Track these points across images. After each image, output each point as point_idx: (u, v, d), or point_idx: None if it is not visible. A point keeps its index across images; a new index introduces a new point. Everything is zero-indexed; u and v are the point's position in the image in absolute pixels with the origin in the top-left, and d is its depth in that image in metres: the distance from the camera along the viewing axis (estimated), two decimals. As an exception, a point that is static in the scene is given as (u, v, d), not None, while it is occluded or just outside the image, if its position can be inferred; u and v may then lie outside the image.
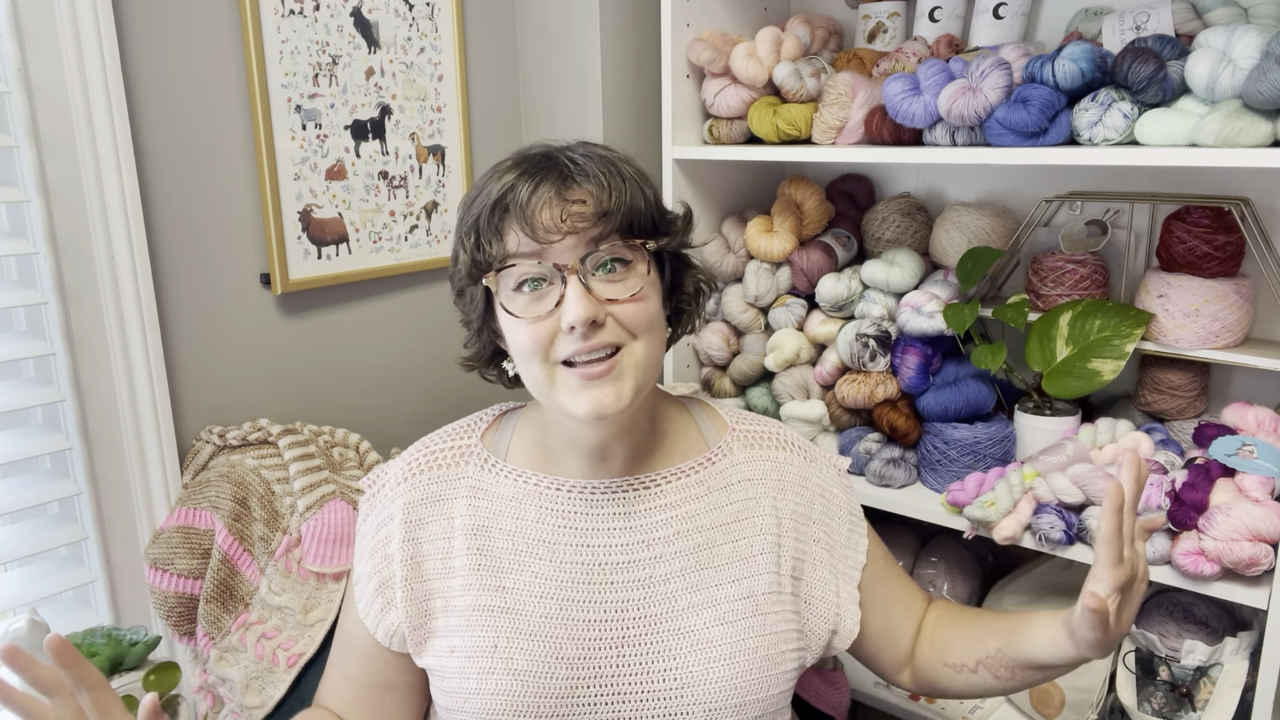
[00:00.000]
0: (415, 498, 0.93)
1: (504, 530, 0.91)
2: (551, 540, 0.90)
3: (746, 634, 0.88)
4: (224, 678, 1.17)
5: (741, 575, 0.91)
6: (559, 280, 0.82)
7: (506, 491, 0.92)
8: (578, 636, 0.87)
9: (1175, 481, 1.14)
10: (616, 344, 0.82)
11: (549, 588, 0.88)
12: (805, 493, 0.97)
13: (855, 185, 1.69)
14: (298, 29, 1.36)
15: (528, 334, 0.83)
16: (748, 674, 0.87)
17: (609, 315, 0.82)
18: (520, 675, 0.85)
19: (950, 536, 1.57)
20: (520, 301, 0.83)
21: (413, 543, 0.92)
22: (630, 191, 0.83)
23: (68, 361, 1.19)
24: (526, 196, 0.81)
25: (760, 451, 0.97)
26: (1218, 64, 1.10)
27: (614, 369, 0.82)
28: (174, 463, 1.29)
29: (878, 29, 1.60)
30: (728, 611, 0.89)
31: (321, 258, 1.45)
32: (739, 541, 0.92)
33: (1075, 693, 1.32)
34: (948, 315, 1.34)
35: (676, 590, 0.89)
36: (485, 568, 0.90)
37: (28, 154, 1.13)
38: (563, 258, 0.81)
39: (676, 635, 0.88)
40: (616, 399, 0.82)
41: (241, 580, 1.20)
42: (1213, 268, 1.25)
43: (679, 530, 0.91)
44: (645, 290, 0.84)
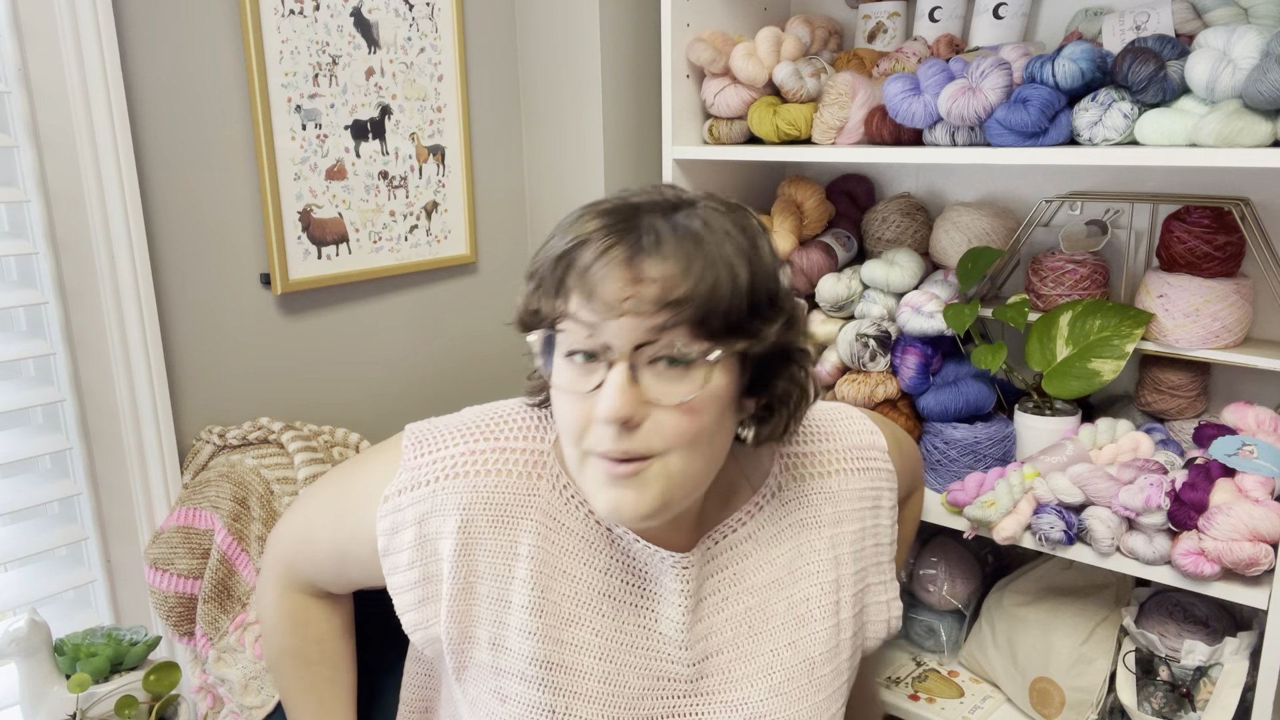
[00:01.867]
0: (477, 504, 0.81)
1: (570, 574, 0.81)
2: (616, 596, 0.82)
3: (802, 704, 0.85)
4: (223, 678, 1.17)
5: (797, 638, 0.86)
6: (605, 364, 0.71)
7: (577, 527, 0.82)
8: (635, 707, 0.81)
9: (1175, 481, 1.14)
10: (645, 452, 0.71)
11: (610, 649, 0.81)
12: (860, 510, 0.91)
13: (855, 185, 1.69)
14: (298, 29, 1.36)
15: (569, 410, 0.73)
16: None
17: (648, 418, 0.71)
18: None
19: (950, 536, 1.57)
20: (569, 373, 0.73)
21: (468, 558, 0.81)
22: (715, 277, 0.69)
23: (68, 361, 1.19)
24: (591, 260, 0.69)
25: (812, 483, 0.89)
26: (1218, 64, 1.10)
27: (640, 474, 0.72)
28: (174, 463, 1.29)
29: (878, 29, 1.59)
30: (782, 680, 0.84)
31: (321, 258, 1.45)
32: (794, 597, 0.86)
33: (1075, 693, 1.32)
34: (948, 315, 1.34)
35: (730, 661, 0.84)
36: (548, 613, 0.80)
37: (28, 154, 1.13)
38: (615, 339, 0.70)
39: (731, 709, 0.83)
40: (636, 505, 0.72)
41: (239, 580, 1.20)
42: (1213, 268, 1.25)
43: (728, 596, 0.84)
44: (699, 401, 0.71)
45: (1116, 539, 1.17)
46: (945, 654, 1.54)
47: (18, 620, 1.03)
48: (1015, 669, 1.40)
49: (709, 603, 0.84)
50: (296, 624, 0.99)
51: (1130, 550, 1.16)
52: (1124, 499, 1.16)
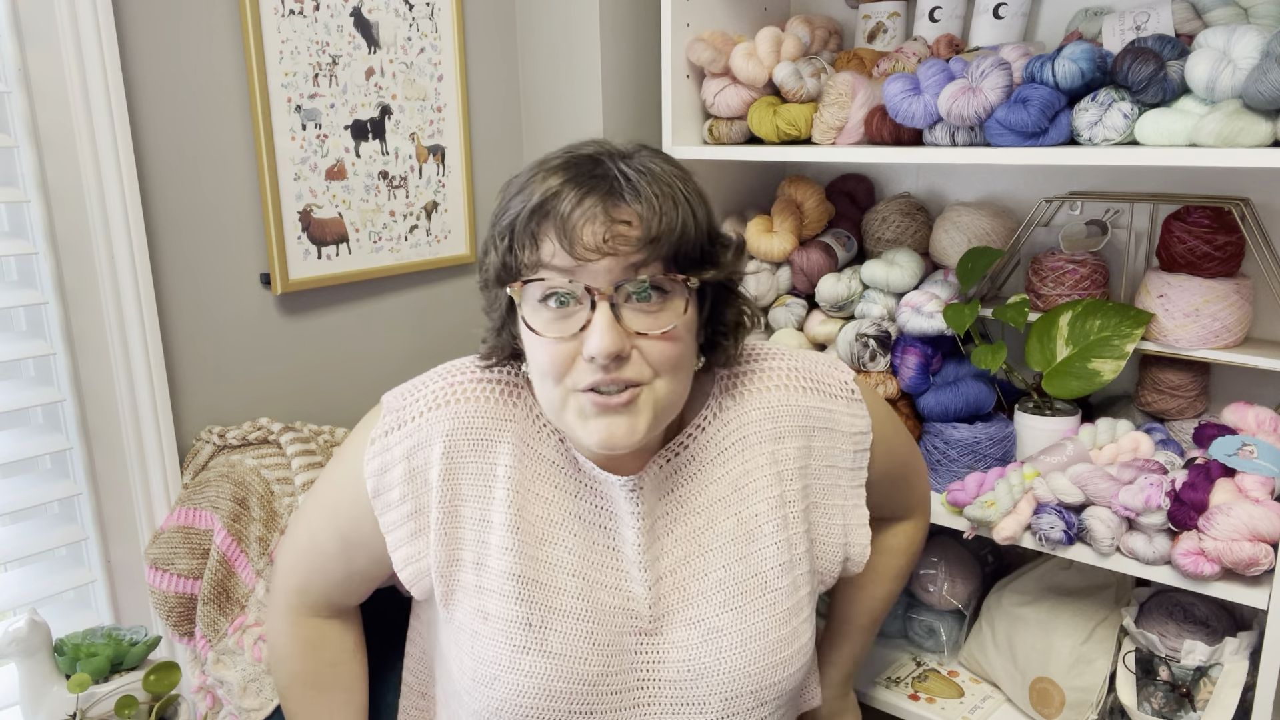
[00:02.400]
0: (459, 430, 0.86)
1: (543, 496, 0.86)
2: (585, 518, 0.86)
3: (755, 617, 0.86)
4: (222, 680, 1.17)
5: (747, 552, 0.88)
6: (588, 304, 0.76)
7: (549, 453, 0.87)
8: (606, 623, 0.85)
9: (1175, 481, 1.14)
10: (636, 381, 0.77)
11: (581, 567, 0.85)
12: (807, 429, 0.91)
13: (855, 185, 1.69)
14: (298, 29, 1.36)
15: (548, 354, 0.77)
16: (760, 659, 0.86)
17: (634, 349, 0.76)
18: (555, 657, 0.82)
19: (950, 536, 1.57)
20: (544, 316, 0.77)
21: (452, 481, 0.86)
22: (682, 217, 0.76)
23: (68, 361, 1.19)
24: (570, 208, 0.74)
25: (751, 400, 0.90)
26: (1218, 64, 1.10)
27: (631, 402, 0.77)
28: (174, 463, 1.29)
29: (878, 29, 1.59)
30: (735, 594, 0.86)
31: (321, 258, 1.45)
32: (741, 514, 0.88)
33: (1075, 693, 1.32)
34: (948, 315, 1.34)
35: (684, 579, 0.87)
36: (525, 532, 0.85)
37: (28, 154, 1.13)
38: (597, 280, 0.75)
39: (689, 625, 0.86)
40: (629, 433, 0.77)
41: (238, 582, 1.19)
42: (1213, 268, 1.25)
43: (677, 517, 0.88)
44: (679, 330, 0.78)
45: (1116, 539, 1.17)
46: (945, 654, 1.54)
47: (18, 620, 1.03)
48: (1015, 669, 1.40)
49: (660, 525, 0.87)
50: (310, 649, 1.00)
51: (1130, 550, 1.16)
52: (1124, 499, 1.16)
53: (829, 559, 0.94)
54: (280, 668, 1.02)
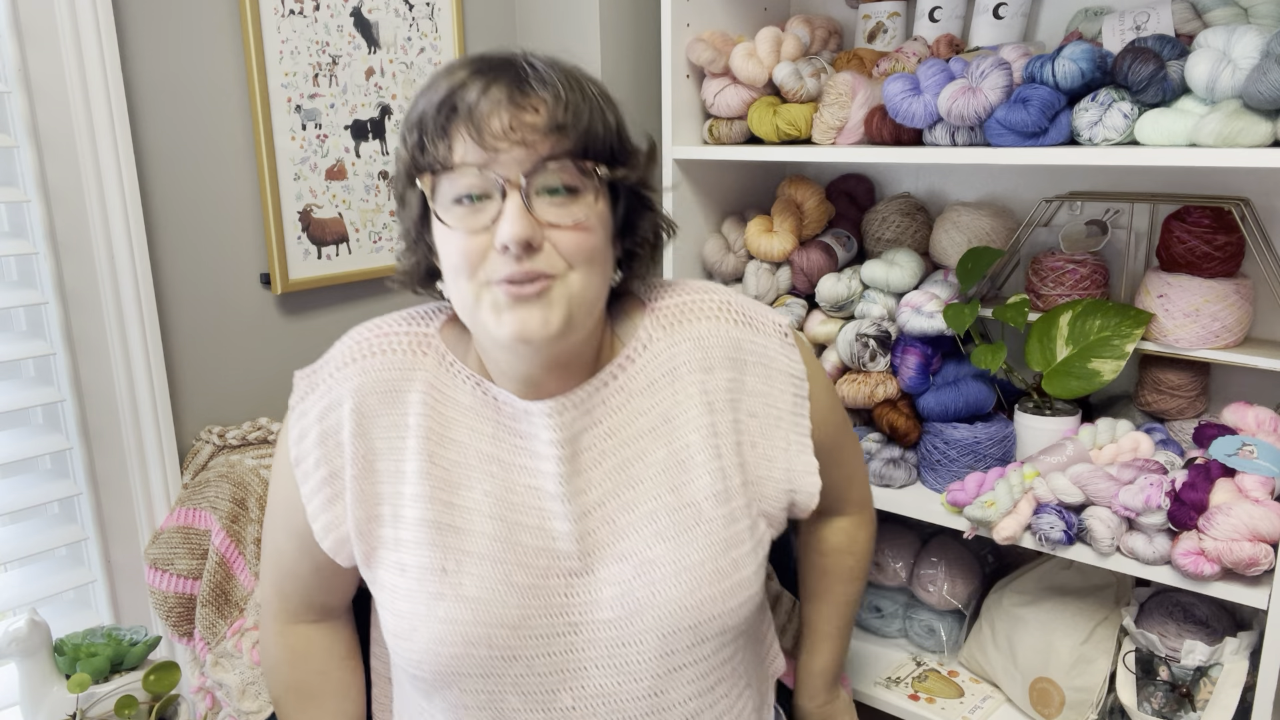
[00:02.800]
0: (367, 384, 0.86)
1: (458, 441, 0.85)
2: (503, 459, 0.84)
3: (690, 547, 0.83)
4: (220, 682, 1.17)
5: (678, 482, 0.85)
6: (499, 195, 0.75)
7: (463, 399, 0.86)
8: (528, 563, 0.82)
9: (1175, 481, 1.14)
10: (551, 273, 0.76)
11: (499, 509, 0.83)
12: (738, 361, 0.89)
13: (855, 185, 1.69)
14: (298, 29, 1.36)
15: (460, 247, 0.77)
16: (697, 590, 0.82)
17: (547, 240, 0.76)
18: (470, 602, 0.81)
19: (950, 536, 1.57)
20: (457, 213, 0.77)
21: (364, 437, 0.85)
22: (590, 109, 0.77)
23: (68, 361, 1.19)
24: (476, 98, 0.74)
25: (682, 330, 0.89)
26: (1218, 64, 1.10)
27: (544, 293, 0.76)
28: (174, 463, 1.29)
29: (878, 29, 1.59)
30: (667, 525, 0.83)
31: (321, 258, 1.45)
32: (672, 443, 0.86)
33: (1075, 693, 1.32)
34: (948, 315, 1.34)
35: (613, 512, 0.84)
36: (438, 479, 0.84)
37: (28, 154, 1.13)
38: (507, 170, 0.75)
39: (620, 559, 0.83)
40: (543, 325, 0.76)
41: (236, 584, 1.19)
42: (1213, 268, 1.25)
43: (605, 449, 0.85)
44: (591, 221, 0.78)
45: (1116, 539, 1.17)
46: (945, 654, 1.54)
47: (18, 620, 1.03)
48: (1015, 669, 1.40)
49: (588, 456, 0.85)
50: (297, 657, 0.99)
51: (1130, 550, 1.16)
52: (1124, 499, 1.16)
53: (773, 500, 0.91)
54: (271, 678, 1.01)
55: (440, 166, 0.77)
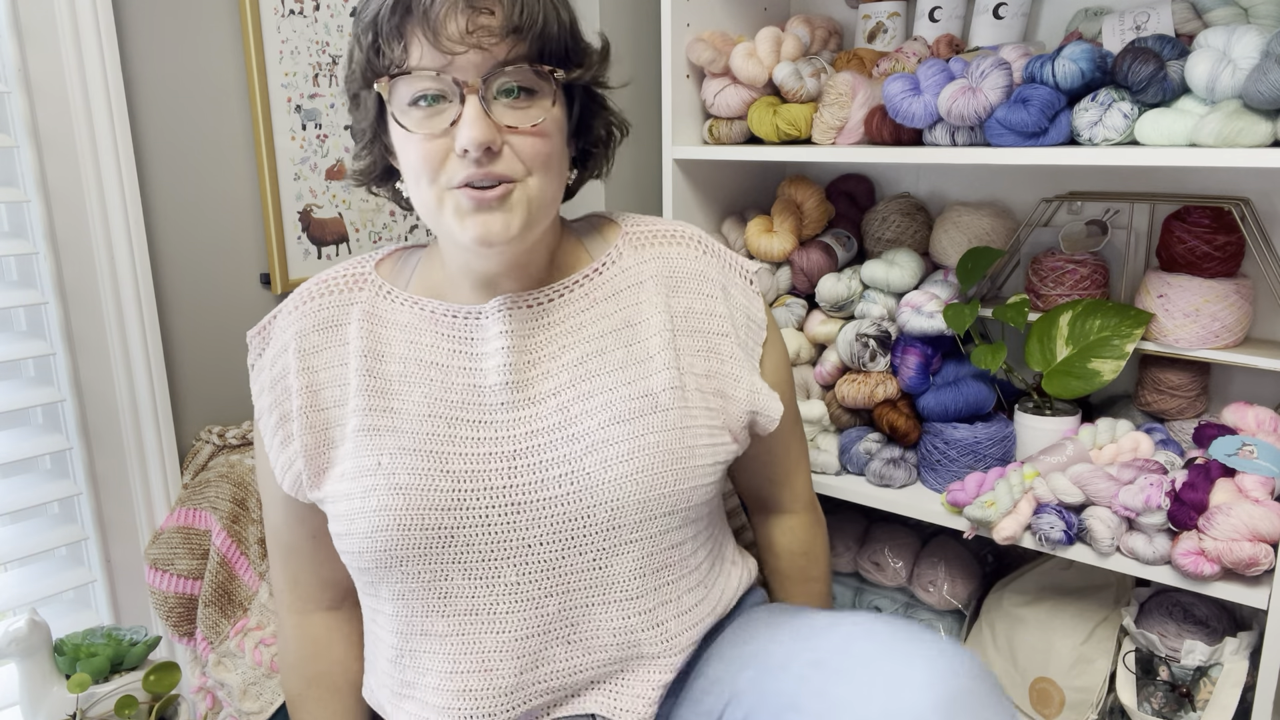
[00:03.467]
0: (308, 325, 0.90)
1: (397, 355, 0.88)
2: (443, 363, 0.88)
3: (645, 430, 0.85)
4: (222, 682, 1.17)
5: (636, 376, 0.87)
6: (457, 99, 0.77)
7: (402, 318, 0.90)
8: (466, 452, 0.84)
9: (1175, 481, 1.14)
10: (509, 176, 0.79)
11: (438, 408, 0.86)
12: (704, 286, 0.93)
13: (855, 185, 1.69)
14: (298, 29, 1.36)
15: (420, 152, 0.78)
16: (650, 469, 0.84)
17: (506, 145, 0.78)
18: (402, 490, 0.83)
19: (950, 536, 1.57)
20: (415, 116, 0.78)
21: (309, 371, 0.89)
22: (544, 11, 0.78)
23: (68, 361, 1.19)
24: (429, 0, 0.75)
25: (652, 250, 0.93)
26: (1218, 64, 1.10)
27: (505, 197, 0.79)
28: (174, 463, 1.29)
29: (878, 29, 1.59)
30: (624, 410, 0.85)
31: (321, 258, 1.45)
32: (632, 346, 0.88)
33: (1075, 693, 1.32)
34: (948, 315, 1.34)
35: (570, 400, 0.86)
36: (375, 390, 0.87)
37: (28, 154, 1.13)
38: (465, 74, 0.76)
39: (571, 440, 0.84)
40: (505, 228, 0.79)
41: (239, 584, 1.19)
42: (1213, 268, 1.25)
43: (565, 345, 0.88)
44: (548, 124, 0.80)
45: (1116, 539, 1.17)
46: (945, 654, 1.54)
47: (18, 620, 1.03)
48: (1015, 669, 1.40)
49: (546, 351, 0.88)
50: (320, 648, 1.00)
51: (1130, 550, 1.16)
52: (1124, 499, 1.16)
53: (735, 418, 0.93)
54: (290, 674, 1.01)
55: (397, 69, 0.78)
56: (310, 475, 0.89)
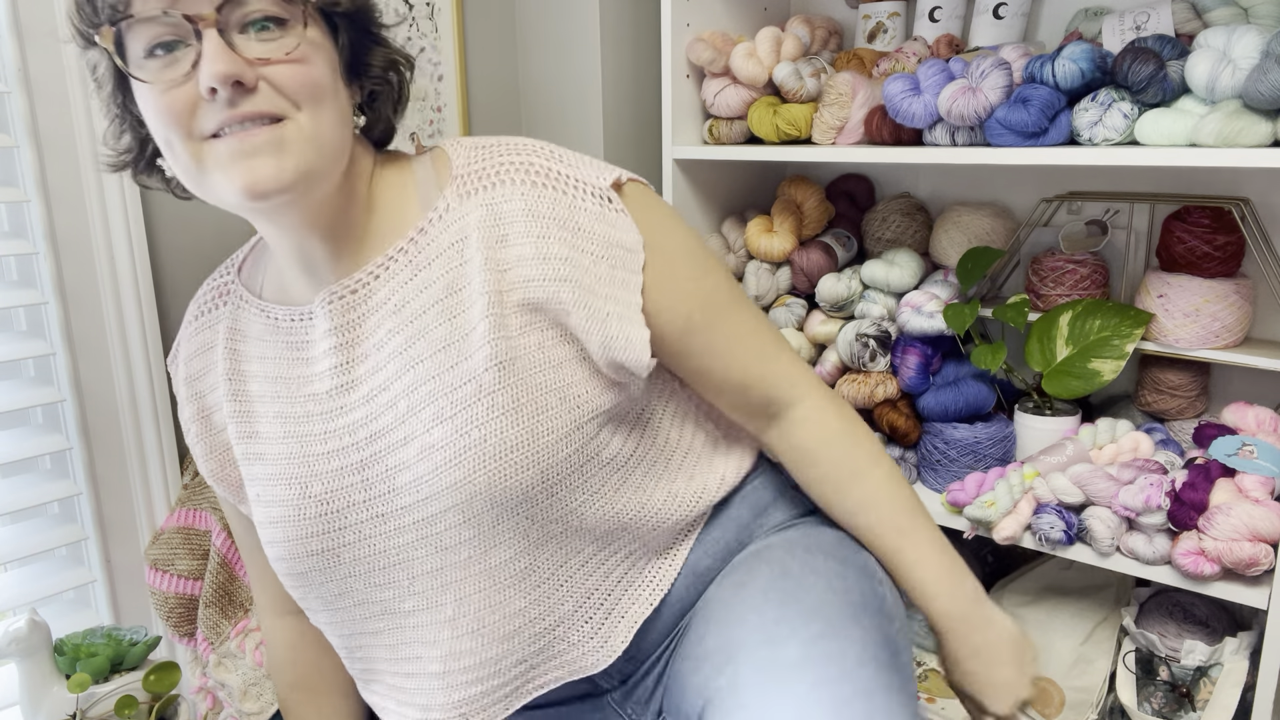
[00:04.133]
0: (190, 350, 0.89)
1: (255, 373, 0.84)
2: (287, 375, 0.82)
3: (470, 424, 0.75)
4: (223, 683, 1.17)
5: (459, 356, 0.77)
6: (195, 39, 0.67)
7: (255, 329, 0.84)
8: (320, 470, 0.80)
9: (1175, 481, 1.14)
10: (275, 114, 0.69)
11: (289, 425, 0.82)
12: (537, 225, 0.77)
13: (855, 185, 1.69)
14: (298, 29, 1.36)
15: (164, 104, 0.68)
16: (483, 467, 0.75)
17: (261, 79, 0.68)
18: (278, 524, 0.81)
19: (950, 536, 1.57)
20: (150, 68, 0.68)
21: (197, 398, 0.89)
22: None
23: (68, 361, 1.19)
24: None
25: (476, 198, 0.78)
26: (1218, 64, 1.10)
27: (273, 136, 0.69)
28: (174, 463, 1.29)
29: (878, 29, 1.60)
30: (447, 405, 0.76)
31: (321, 258, 1.45)
32: (455, 319, 0.77)
33: (1075, 693, 1.32)
34: (948, 315, 1.34)
35: (398, 395, 0.78)
36: (241, 415, 0.84)
37: (28, 154, 1.13)
38: (196, 7, 0.66)
39: (404, 445, 0.77)
40: (277, 173, 0.69)
41: (240, 585, 1.19)
42: (1213, 268, 1.25)
43: (391, 328, 0.78)
44: (306, 51, 0.70)
45: (1116, 539, 1.17)
46: (945, 654, 1.54)
47: (18, 620, 1.03)
48: (1015, 669, 1.40)
49: (372, 340, 0.79)
50: (295, 652, 1.00)
51: (1130, 550, 1.16)
52: (1124, 499, 1.16)
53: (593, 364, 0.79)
54: (276, 679, 1.02)
55: (118, 15, 0.67)
56: (231, 493, 0.89)
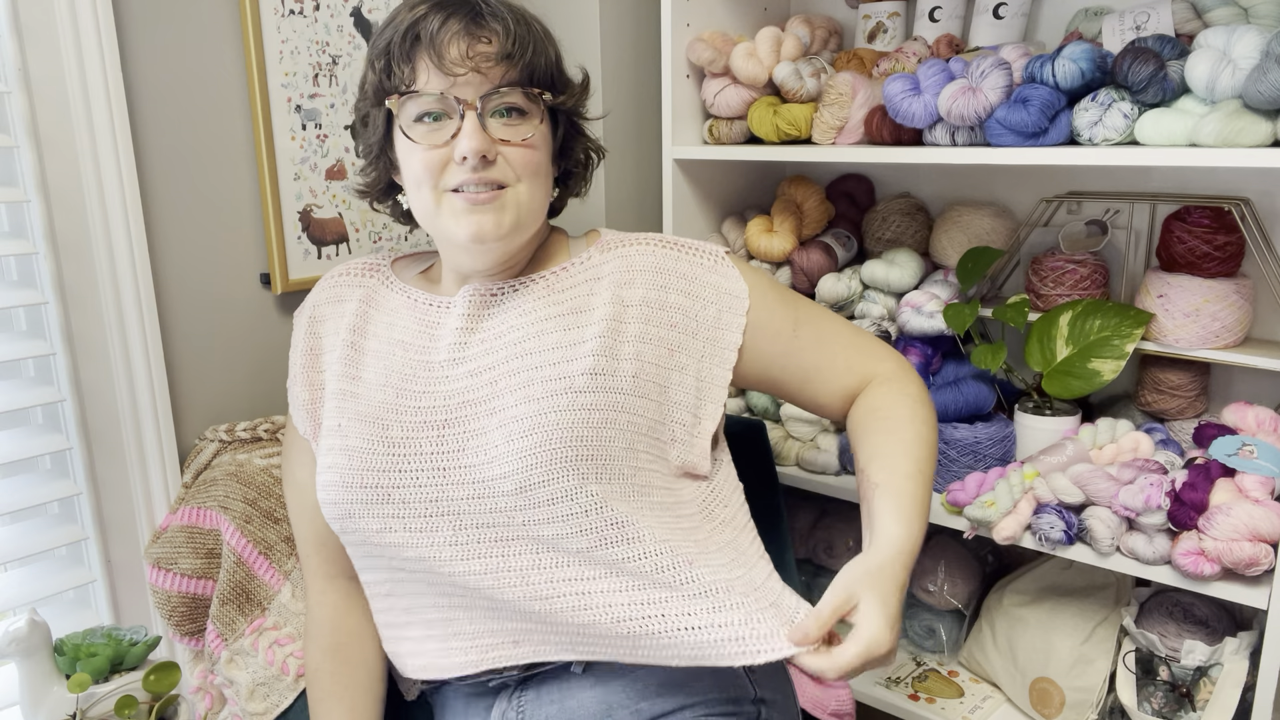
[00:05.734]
0: (322, 298, 1.06)
1: (378, 334, 1.00)
2: (409, 342, 0.98)
3: (551, 409, 0.89)
4: (231, 680, 1.17)
5: (563, 359, 0.92)
6: (458, 115, 0.89)
7: (392, 303, 1.02)
8: (406, 421, 0.94)
9: (1175, 481, 1.14)
10: (502, 182, 0.90)
11: (392, 379, 0.96)
12: (660, 278, 0.98)
13: (855, 185, 1.69)
14: (298, 29, 1.36)
15: (422, 159, 0.90)
16: (548, 443, 0.87)
17: (500, 155, 0.90)
18: (351, 452, 0.94)
19: (950, 536, 1.57)
20: (419, 131, 0.90)
21: (313, 335, 1.05)
22: (535, 42, 0.91)
23: (68, 361, 1.19)
24: (437, 27, 0.87)
25: (616, 251, 1.00)
26: (1218, 64, 1.10)
27: (497, 200, 0.90)
28: (174, 463, 1.29)
29: (878, 29, 1.60)
30: (539, 390, 0.90)
31: (321, 258, 1.45)
32: (570, 331, 0.94)
33: (1075, 693, 1.32)
34: (948, 315, 1.34)
35: (500, 376, 0.93)
36: (351, 360, 1.00)
37: (28, 154, 1.13)
38: (464, 93, 0.88)
39: (490, 415, 0.91)
40: (496, 226, 0.90)
41: (259, 584, 1.19)
42: (1213, 268, 1.25)
43: (512, 325, 0.95)
44: (536, 139, 0.92)
45: (1116, 539, 1.17)
46: (945, 654, 1.54)
47: (18, 620, 1.03)
48: (1015, 669, 1.40)
49: (494, 330, 0.96)
50: (339, 615, 1.05)
51: (1130, 550, 1.16)
52: (1124, 499, 1.16)
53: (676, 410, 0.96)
54: (311, 645, 1.06)
55: (406, 89, 0.90)
56: (311, 427, 1.02)
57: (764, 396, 1.59)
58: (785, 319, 1.01)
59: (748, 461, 1.34)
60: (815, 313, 1.05)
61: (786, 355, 1.01)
